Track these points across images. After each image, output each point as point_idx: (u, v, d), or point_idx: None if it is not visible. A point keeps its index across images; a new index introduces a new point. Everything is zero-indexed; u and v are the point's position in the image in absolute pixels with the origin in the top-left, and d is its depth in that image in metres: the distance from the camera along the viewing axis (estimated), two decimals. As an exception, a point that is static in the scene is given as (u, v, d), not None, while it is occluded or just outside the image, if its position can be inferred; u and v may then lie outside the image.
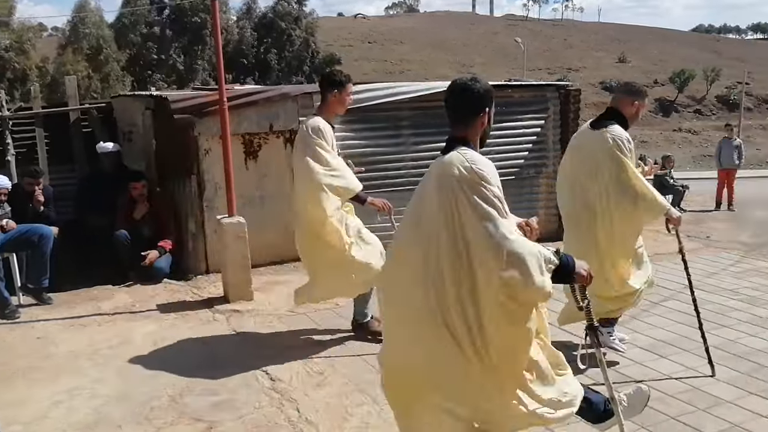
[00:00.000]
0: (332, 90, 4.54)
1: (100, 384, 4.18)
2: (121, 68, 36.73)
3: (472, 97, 2.64)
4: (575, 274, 2.54)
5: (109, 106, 8.34)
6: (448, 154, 2.57)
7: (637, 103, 4.24)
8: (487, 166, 2.50)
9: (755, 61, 73.40)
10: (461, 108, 2.66)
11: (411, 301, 2.53)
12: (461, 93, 2.66)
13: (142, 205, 6.54)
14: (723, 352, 4.46)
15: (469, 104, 2.65)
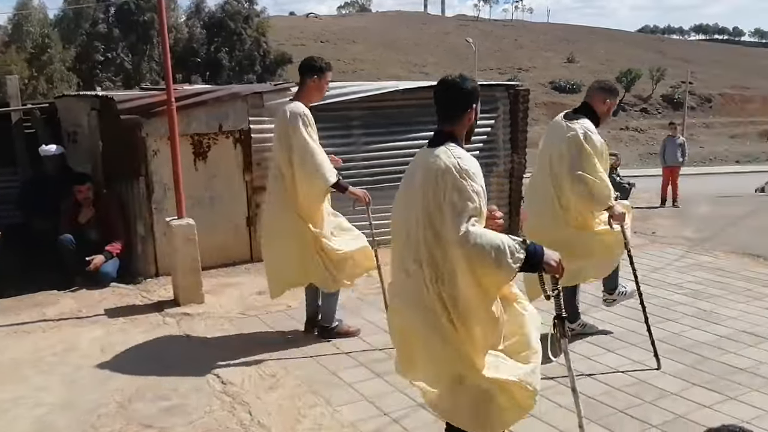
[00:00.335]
0: (312, 76, 4.53)
1: (44, 392, 4.06)
2: (67, 68, 35.81)
3: (460, 94, 2.81)
4: (544, 263, 2.64)
5: (53, 106, 8.11)
6: (437, 148, 2.75)
7: (609, 101, 4.42)
8: (470, 162, 2.70)
9: (698, 61, 75.68)
10: (450, 104, 2.81)
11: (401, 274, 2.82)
12: (450, 90, 2.81)
13: (88, 209, 6.37)
14: (668, 345, 4.58)
15: (458, 101, 2.80)
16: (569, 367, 2.85)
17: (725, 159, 51.86)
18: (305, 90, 4.57)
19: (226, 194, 6.75)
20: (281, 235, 4.60)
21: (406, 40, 77.02)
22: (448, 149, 2.72)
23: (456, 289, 2.66)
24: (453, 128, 2.81)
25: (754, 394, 3.87)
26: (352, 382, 4.09)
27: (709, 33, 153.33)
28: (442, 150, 2.72)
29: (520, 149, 8.19)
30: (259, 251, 6.86)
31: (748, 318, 5.17)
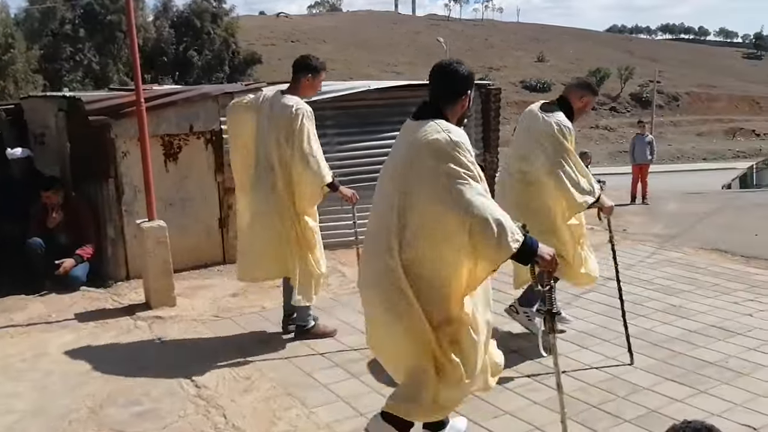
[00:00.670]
0: (306, 74, 4.54)
1: (14, 399, 3.98)
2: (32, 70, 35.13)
3: (456, 79, 2.78)
4: (538, 256, 2.63)
5: (19, 107, 7.95)
6: (426, 122, 2.71)
7: (586, 98, 4.45)
8: (461, 135, 2.67)
9: (665, 60, 76.86)
10: (444, 89, 2.79)
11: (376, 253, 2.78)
12: (445, 74, 2.79)
13: (56, 214, 6.23)
14: (640, 341, 4.63)
15: (453, 85, 2.78)
16: (556, 362, 2.89)
17: (692, 156, 52.74)
18: (299, 88, 4.56)
19: (197, 196, 6.69)
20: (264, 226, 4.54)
21: (377, 39, 77.05)
22: (437, 123, 2.69)
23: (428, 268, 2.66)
24: (446, 111, 2.79)
25: (724, 387, 3.94)
26: (328, 383, 4.08)
27: (675, 33, 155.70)
28: (430, 124, 2.70)
29: (492, 148, 8.24)
30: (231, 253, 6.84)
31: (717, 312, 5.25)
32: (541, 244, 2.66)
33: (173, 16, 46.56)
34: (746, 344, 4.58)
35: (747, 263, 6.80)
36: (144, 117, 5.54)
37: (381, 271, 2.75)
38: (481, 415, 3.59)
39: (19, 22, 38.64)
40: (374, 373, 4.18)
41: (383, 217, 2.78)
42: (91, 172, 6.40)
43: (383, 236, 2.75)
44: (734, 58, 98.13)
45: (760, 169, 27.38)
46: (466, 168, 2.60)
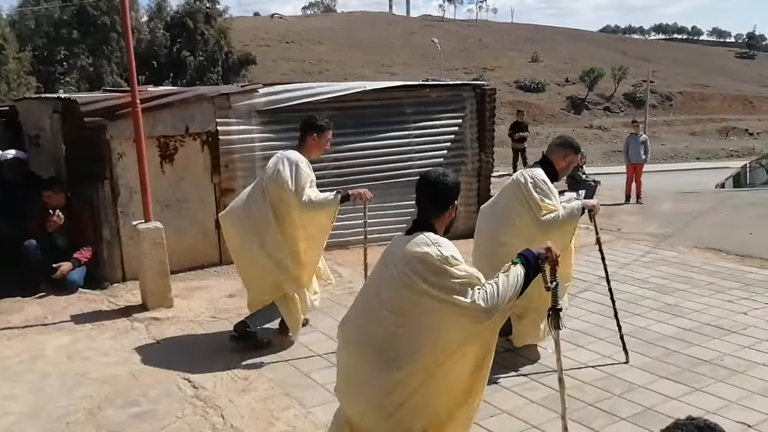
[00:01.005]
0: (312, 134, 4.62)
1: (11, 401, 3.98)
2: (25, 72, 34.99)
3: (443, 191, 2.83)
4: (540, 258, 2.74)
5: (13, 109, 7.94)
6: (414, 235, 2.75)
7: (569, 157, 4.38)
8: (448, 246, 2.69)
9: (658, 60, 77.09)
10: (432, 201, 2.84)
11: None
12: (433, 187, 2.84)
13: (57, 217, 6.13)
14: (635, 339, 4.66)
15: (441, 197, 2.83)
16: (559, 358, 2.93)
17: (686, 156, 52.83)
18: (305, 146, 4.65)
19: (194, 197, 6.69)
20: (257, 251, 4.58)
21: (371, 40, 77.04)
22: (426, 236, 2.72)
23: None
24: (434, 221, 2.83)
25: (719, 385, 3.97)
26: (326, 384, 4.08)
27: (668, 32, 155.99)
28: (419, 237, 2.73)
29: (487, 148, 8.26)
30: (228, 254, 6.81)
31: (711, 311, 5.29)
32: (533, 250, 2.78)
33: (167, 17, 46.45)
34: (741, 342, 4.61)
35: (741, 262, 6.84)
36: (140, 118, 5.54)
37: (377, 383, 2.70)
38: (479, 414, 3.60)
39: (13, 23, 38.45)
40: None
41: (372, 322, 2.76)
42: (87, 174, 6.39)
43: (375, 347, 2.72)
44: (727, 57, 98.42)
45: (753, 168, 27.47)
46: (459, 276, 2.63)
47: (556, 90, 63.96)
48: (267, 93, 7.01)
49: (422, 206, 2.86)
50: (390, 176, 7.65)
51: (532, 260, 2.74)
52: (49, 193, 6.20)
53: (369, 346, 2.70)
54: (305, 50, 68.74)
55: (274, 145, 6.94)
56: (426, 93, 7.96)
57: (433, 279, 2.61)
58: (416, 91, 7.92)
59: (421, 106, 7.87)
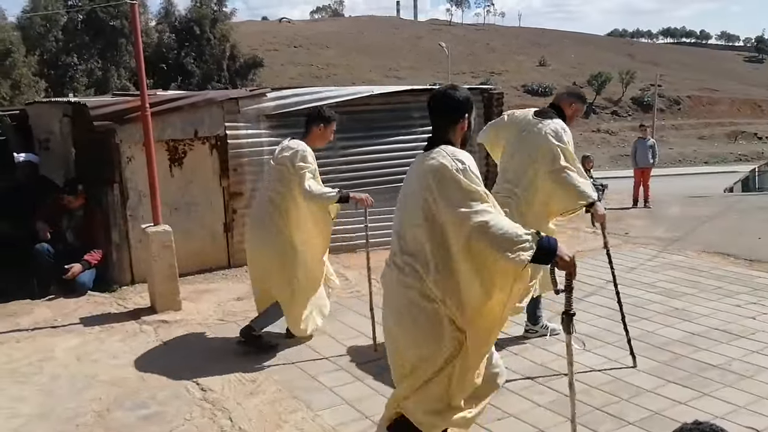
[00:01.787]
0: (318, 124, 4.69)
1: (20, 403, 4.01)
2: (33, 74, 35.18)
3: (452, 105, 2.88)
4: (557, 257, 2.67)
5: (24, 113, 8.01)
6: (431, 151, 2.82)
7: (575, 105, 4.60)
8: (466, 157, 2.74)
9: (666, 64, 76.92)
10: (442, 115, 2.89)
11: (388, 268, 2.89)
12: (442, 100, 2.90)
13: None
14: (643, 344, 4.65)
15: (450, 111, 2.88)
16: (570, 362, 2.92)
17: (694, 160, 52.73)
18: (310, 136, 4.70)
19: (202, 200, 6.73)
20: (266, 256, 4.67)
21: (379, 44, 77.20)
22: (442, 149, 2.77)
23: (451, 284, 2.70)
24: (448, 136, 2.87)
25: (727, 390, 3.95)
26: (333, 386, 4.10)
27: (676, 36, 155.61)
28: (436, 151, 2.79)
29: (494, 152, 8.26)
30: (237, 257, 6.88)
31: (719, 315, 5.27)
32: (561, 245, 2.70)
33: (174, 22, 46.65)
34: (749, 347, 4.59)
35: (750, 266, 6.82)
36: (149, 122, 5.58)
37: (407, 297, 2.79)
38: (485, 418, 3.61)
39: (22, 27, 38.68)
40: (379, 376, 4.21)
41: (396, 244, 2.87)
42: (96, 178, 6.43)
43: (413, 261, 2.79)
44: (736, 61, 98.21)
45: (762, 172, 27.40)
46: (473, 188, 2.66)
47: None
48: (275, 97, 7.04)
49: (435, 123, 2.92)
50: (397, 180, 7.65)
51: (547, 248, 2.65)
52: (71, 198, 6.26)
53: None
54: (313, 54, 68.98)
55: (282, 149, 6.99)
56: (434, 97, 7.96)
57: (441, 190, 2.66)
58: (423, 95, 7.92)
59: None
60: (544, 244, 2.64)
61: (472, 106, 2.93)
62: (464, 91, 2.94)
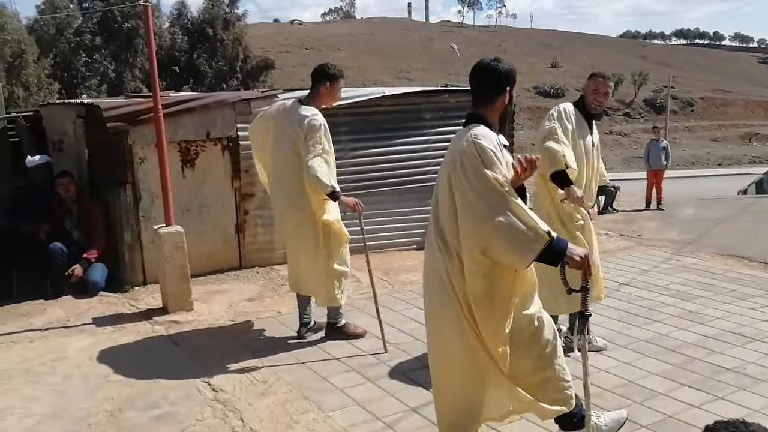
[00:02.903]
0: (324, 82, 4.64)
1: (33, 402, 4.03)
2: (46, 75, 35.45)
3: (494, 77, 2.82)
4: (567, 257, 2.63)
5: (37, 114, 8.06)
6: (463, 130, 2.78)
7: (590, 83, 4.42)
8: (489, 139, 2.68)
9: (679, 65, 76.51)
10: (483, 87, 2.84)
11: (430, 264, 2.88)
12: (484, 72, 2.84)
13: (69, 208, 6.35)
14: (656, 346, 4.62)
15: (491, 83, 2.83)
16: (585, 364, 2.89)
17: (707, 162, 52.37)
18: (317, 95, 4.67)
19: (214, 201, 6.74)
20: (290, 237, 4.80)
21: (390, 46, 77.25)
22: (470, 128, 2.73)
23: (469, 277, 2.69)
24: (484, 111, 2.83)
25: (742, 393, 3.92)
26: (344, 387, 4.10)
27: (690, 37, 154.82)
28: (465, 131, 2.75)
29: (506, 154, 8.23)
30: (248, 258, 6.92)
31: (733, 318, 5.23)
32: (571, 245, 2.66)
33: (187, 24, 46.87)
34: (764, 350, 4.55)
35: (764, 269, 6.76)
36: (161, 123, 5.60)
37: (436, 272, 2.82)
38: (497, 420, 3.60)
39: (34, 29, 38.99)
40: (390, 377, 4.21)
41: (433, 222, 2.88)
42: (109, 178, 6.47)
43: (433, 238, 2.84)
44: (749, 62, 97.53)
45: (776, 175, 27.12)
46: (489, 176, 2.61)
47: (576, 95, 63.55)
48: (287, 98, 7.03)
49: (474, 95, 2.87)
50: (408, 181, 7.66)
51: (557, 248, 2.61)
52: (64, 180, 6.35)
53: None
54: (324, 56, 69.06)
55: (294, 150, 6.99)
56: (445, 98, 7.96)
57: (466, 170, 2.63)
58: (435, 97, 7.92)
59: (439, 112, 7.86)
60: (554, 242, 2.59)
61: (514, 80, 2.89)
62: (507, 63, 2.89)
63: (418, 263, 7.08)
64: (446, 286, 2.75)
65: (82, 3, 42.07)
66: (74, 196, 6.40)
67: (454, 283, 2.73)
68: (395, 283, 6.38)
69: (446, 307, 2.78)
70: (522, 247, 2.57)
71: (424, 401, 3.85)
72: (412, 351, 4.64)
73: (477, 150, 2.63)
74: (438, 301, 2.82)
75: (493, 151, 2.65)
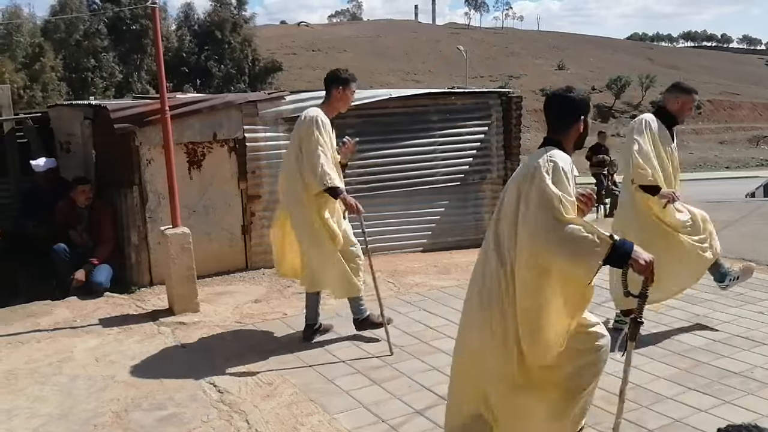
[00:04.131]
0: (337, 86, 4.69)
1: (39, 403, 4.04)
2: (57, 78, 35.68)
3: (569, 106, 2.92)
4: (632, 259, 2.66)
5: (46, 115, 8.09)
6: (539, 151, 2.85)
7: (680, 99, 4.76)
8: (564, 161, 2.74)
9: (687, 68, 76.29)
10: (559, 116, 2.93)
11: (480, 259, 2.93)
12: (558, 103, 2.95)
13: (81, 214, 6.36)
14: (663, 350, 4.60)
15: (567, 112, 2.92)
16: (626, 369, 2.89)
17: (715, 165, 52.19)
18: (330, 100, 4.72)
19: (220, 203, 6.75)
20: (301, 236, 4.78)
21: (397, 48, 77.29)
22: (548, 150, 2.81)
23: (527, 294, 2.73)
24: (560, 137, 2.91)
25: (749, 397, 3.89)
26: (350, 390, 4.09)
27: (697, 40, 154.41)
28: (540, 152, 2.83)
29: (513, 156, 8.23)
30: (254, 259, 6.92)
31: (741, 322, 5.20)
32: (637, 248, 2.68)
33: (195, 26, 47.06)
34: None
35: (772, 272, 6.72)
36: (168, 125, 5.61)
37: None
38: (503, 423, 3.58)
39: (47, 31, 39.23)
40: (396, 379, 4.20)
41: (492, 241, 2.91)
42: (116, 179, 6.49)
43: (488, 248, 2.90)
44: (757, 65, 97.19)
45: (785, 178, 26.98)
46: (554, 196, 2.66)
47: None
48: (294, 100, 7.06)
49: (550, 123, 2.95)
50: (415, 183, 7.65)
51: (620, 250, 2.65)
52: (85, 187, 6.36)
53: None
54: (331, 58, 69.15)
55: (300, 152, 7.00)
56: (452, 100, 7.96)
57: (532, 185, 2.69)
58: (442, 99, 7.93)
59: (446, 114, 7.87)
60: (619, 245, 2.64)
61: (588, 108, 2.96)
62: (580, 91, 2.98)
63: (424, 265, 7.10)
64: (492, 292, 2.81)
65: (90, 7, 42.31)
66: (89, 202, 6.41)
67: (502, 291, 2.78)
68: (401, 285, 6.37)
69: (485, 310, 2.83)
70: (587, 251, 2.61)
71: (429, 404, 3.84)
72: (418, 354, 4.63)
73: (550, 167, 2.71)
74: (478, 302, 2.87)
75: (564, 172, 2.71)
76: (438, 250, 7.76)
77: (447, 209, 7.93)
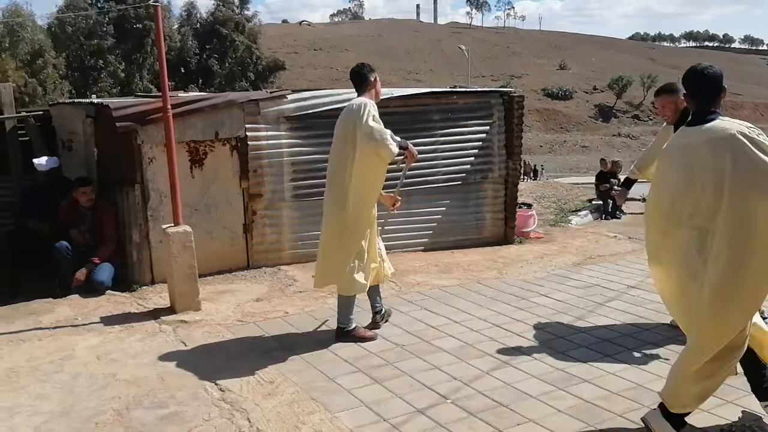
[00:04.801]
0: (372, 74, 4.91)
1: (41, 400, 4.04)
2: (60, 76, 35.71)
3: (714, 78, 3.29)
4: None
5: (47, 113, 8.10)
6: (712, 123, 3.16)
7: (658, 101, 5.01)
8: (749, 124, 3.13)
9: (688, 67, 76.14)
10: (708, 88, 3.28)
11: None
12: (706, 77, 3.30)
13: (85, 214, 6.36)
14: (665, 350, 4.59)
15: (714, 84, 3.28)
16: None
17: (717, 165, 52.08)
18: (371, 89, 4.90)
19: (222, 201, 6.75)
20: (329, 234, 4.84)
21: (398, 47, 77.30)
22: (725, 119, 3.14)
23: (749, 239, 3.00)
24: (715, 107, 3.22)
25: (751, 397, 3.88)
26: (351, 388, 4.09)
27: (699, 40, 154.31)
28: (720, 122, 3.14)
29: (514, 155, 8.23)
30: (256, 258, 6.93)
31: (743, 322, 5.18)
32: None
33: (197, 25, 47.09)
34: (774, 354, 4.51)
35: (774, 273, 6.70)
36: (170, 123, 5.61)
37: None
38: (505, 423, 3.59)
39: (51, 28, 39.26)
40: (397, 378, 4.20)
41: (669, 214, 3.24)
42: (118, 178, 6.49)
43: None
44: (759, 65, 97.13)
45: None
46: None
47: (584, 98, 63.62)
48: (295, 99, 7.06)
49: (698, 98, 3.28)
50: (416, 182, 7.65)
51: None
52: (86, 189, 6.35)
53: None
54: (333, 57, 69.24)
55: (303, 151, 7.00)
56: (453, 100, 7.95)
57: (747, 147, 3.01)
58: (443, 98, 7.92)
59: (448, 113, 7.86)
60: None
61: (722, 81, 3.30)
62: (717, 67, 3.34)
63: (425, 264, 7.09)
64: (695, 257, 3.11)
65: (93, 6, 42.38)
66: (92, 202, 6.41)
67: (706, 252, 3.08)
68: (402, 284, 6.37)
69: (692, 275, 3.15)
70: None
71: (431, 403, 3.84)
72: (419, 352, 4.63)
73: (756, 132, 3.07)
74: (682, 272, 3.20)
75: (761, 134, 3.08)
76: (439, 249, 7.76)
77: (448, 208, 7.93)
